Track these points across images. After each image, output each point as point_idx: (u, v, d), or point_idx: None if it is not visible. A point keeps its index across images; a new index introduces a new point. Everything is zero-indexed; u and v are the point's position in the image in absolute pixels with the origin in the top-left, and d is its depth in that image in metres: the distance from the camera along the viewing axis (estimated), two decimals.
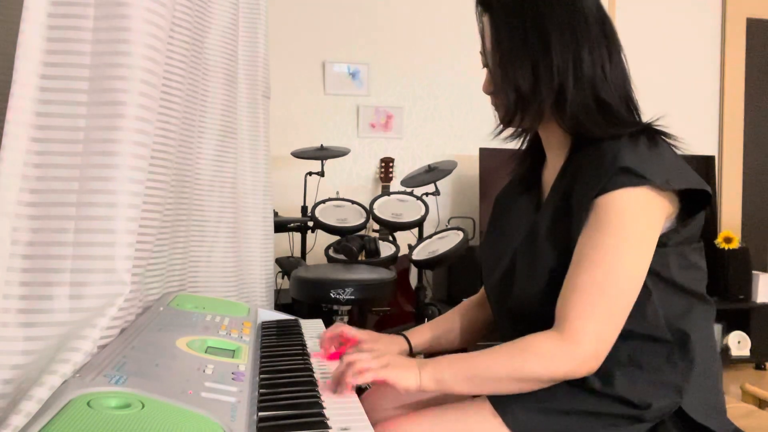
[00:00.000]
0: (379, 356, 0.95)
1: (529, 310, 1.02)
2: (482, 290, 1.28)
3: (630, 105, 1.03)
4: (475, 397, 1.02)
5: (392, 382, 0.92)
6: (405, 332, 1.25)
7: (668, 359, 0.95)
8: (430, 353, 1.24)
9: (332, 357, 1.12)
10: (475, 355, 0.95)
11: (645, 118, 1.04)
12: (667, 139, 1.00)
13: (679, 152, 1.01)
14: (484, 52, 1.07)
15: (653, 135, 0.98)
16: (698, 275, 1.01)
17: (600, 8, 1.04)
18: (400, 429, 0.96)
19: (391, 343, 1.19)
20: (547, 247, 1.00)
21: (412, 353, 1.22)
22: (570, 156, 1.04)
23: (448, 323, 1.27)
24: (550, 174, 1.10)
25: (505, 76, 1.02)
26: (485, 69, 1.09)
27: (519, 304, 1.04)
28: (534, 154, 1.16)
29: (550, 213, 1.02)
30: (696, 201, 0.97)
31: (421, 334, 1.25)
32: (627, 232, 0.91)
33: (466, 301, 1.30)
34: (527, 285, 1.02)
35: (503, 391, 0.94)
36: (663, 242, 0.95)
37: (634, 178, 0.92)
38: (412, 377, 0.93)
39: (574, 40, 0.99)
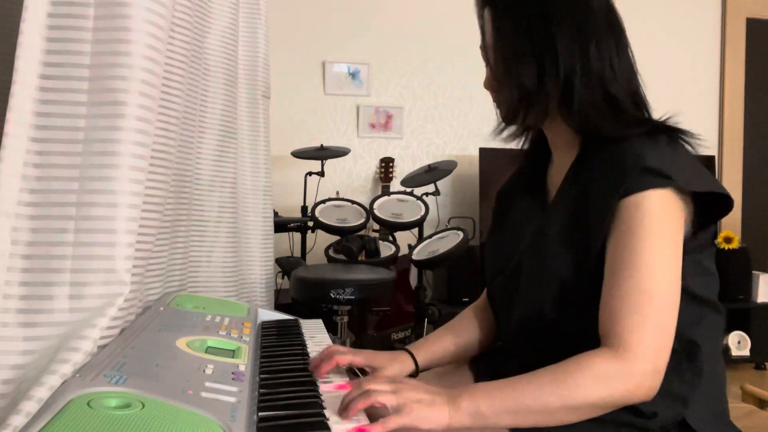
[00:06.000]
0: (398, 392, 0.83)
1: (538, 319, 0.97)
2: (484, 294, 1.22)
3: (638, 100, 0.98)
4: None
5: (413, 424, 0.80)
6: (410, 347, 1.13)
7: (676, 369, 0.90)
8: (439, 365, 1.17)
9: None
10: (515, 381, 0.84)
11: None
12: (685, 138, 0.94)
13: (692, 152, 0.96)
14: (484, 48, 1.02)
15: (673, 134, 0.93)
16: (711, 281, 0.96)
17: None
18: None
19: (392, 362, 1.07)
20: (558, 252, 0.94)
21: (418, 370, 1.11)
22: (580, 155, 0.99)
23: (468, 332, 1.17)
24: (557, 174, 1.04)
25: (508, 72, 0.98)
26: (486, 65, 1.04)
27: (526, 312, 1.00)
28: (538, 153, 1.11)
29: (561, 215, 0.97)
30: (710, 206, 0.92)
31: (432, 346, 1.14)
32: (660, 234, 0.85)
33: (476, 305, 1.22)
34: (535, 291, 0.97)
35: (551, 423, 0.83)
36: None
37: (660, 179, 0.86)
38: (439, 415, 0.81)
39: (580, 32, 0.94)
